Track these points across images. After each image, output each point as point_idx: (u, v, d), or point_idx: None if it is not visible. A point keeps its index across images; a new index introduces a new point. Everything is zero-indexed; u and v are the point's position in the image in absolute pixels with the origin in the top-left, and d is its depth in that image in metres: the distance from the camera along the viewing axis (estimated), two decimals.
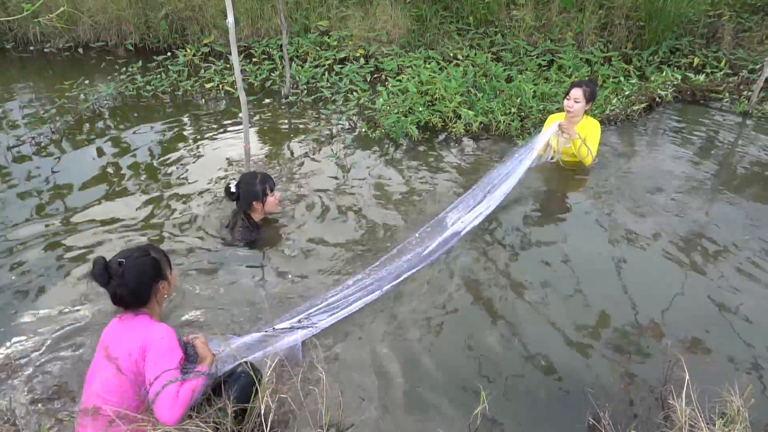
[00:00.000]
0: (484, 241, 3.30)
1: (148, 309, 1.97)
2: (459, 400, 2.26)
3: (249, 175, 3.18)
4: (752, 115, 5.04)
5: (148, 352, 1.82)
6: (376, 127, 4.66)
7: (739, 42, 6.22)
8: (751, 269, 3.05)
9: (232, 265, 3.04)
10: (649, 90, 5.22)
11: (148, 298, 1.95)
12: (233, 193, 3.12)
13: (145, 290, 1.93)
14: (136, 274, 1.89)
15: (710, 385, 2.10)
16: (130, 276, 1.88)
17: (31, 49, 6.75)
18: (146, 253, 1.97)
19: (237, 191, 3.11)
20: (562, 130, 3.79)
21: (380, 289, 2.80)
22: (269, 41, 6.48)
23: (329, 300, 2.69)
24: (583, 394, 2.26)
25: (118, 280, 1.86)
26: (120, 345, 1.86)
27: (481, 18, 6.46)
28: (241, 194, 3.12)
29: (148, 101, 5.35)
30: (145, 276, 1.93)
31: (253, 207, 3.17)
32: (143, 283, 1.92)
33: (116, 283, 1.87)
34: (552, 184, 3.96)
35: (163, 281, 1.99)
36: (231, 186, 3.12)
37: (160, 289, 1.98)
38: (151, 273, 1.95)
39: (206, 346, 2.00)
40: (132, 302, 1.91)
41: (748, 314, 2.73)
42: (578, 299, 2.83)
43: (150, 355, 1.81)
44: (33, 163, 4.17)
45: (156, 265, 1.97)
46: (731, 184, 3.97)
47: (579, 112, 3.85)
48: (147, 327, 1.89)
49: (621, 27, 6.24)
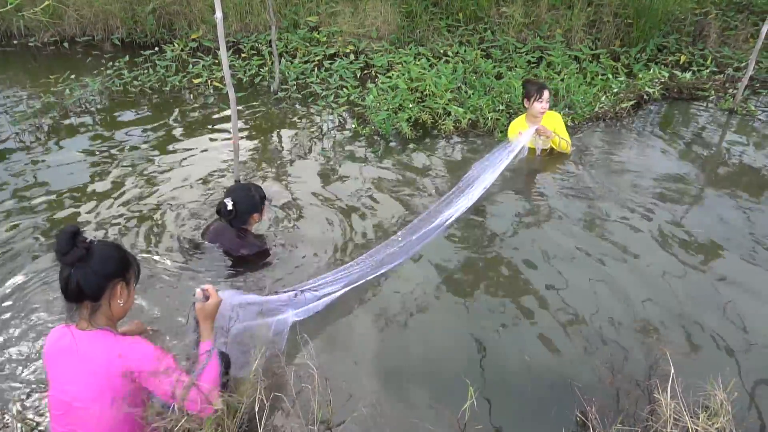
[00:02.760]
0: (471, 238, 3.32)
1: (102, 316, 1.75)
2: (448, 396, 2.28)
3: (241, 188, 2.92)
4: (737, 113, 5.11)
5: (140, 376, 1.67)
6: (366, 123, 4.65)
7: (724, 40, 6.30)
8: (737, 264, 3.10)
9: (219, 267, 2.97)
10: (637, 87, 5.27)
11: (102, 293, 1.72)
12: (231, 211, 2.79)
13: (102, 281, 1.71)
14: (101, 257, 1.70)
15: (695, 378, 2.13)
16: (94, 255, 1.68)
17: (15, 43, 6.65)
18: (119, 249, 1.82)
19: (235, 208, 2.79)
20: (540, 133, 3.99)
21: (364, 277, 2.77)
22: (258, 36, 6.44)
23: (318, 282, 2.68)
24: (571, 389, 2.29)
25: (81, 252, 1.65)
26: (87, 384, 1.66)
27: (471, 14, 6.47)
28: (239, 210, 2.81)
29: (136, 97, 5.29)
30: (109, 264, 1.73)
31: (250, 221, 2.92)
32: (104, 271, 1.71)
33: (77, 255, 1.65)
34: (539, 180, 3.99)
35: (122, 283, 1.78)
36: (228, 203, 2.77)
37: (116, 292, 1.76)
38: (116, 266, 1.75)
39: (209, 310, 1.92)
40: (82, 292, 1.69)
41: (732, 309, 2.77)
42: (564, 294, 2.85)
43: (151, 383, 1.68)
44: (17, 158, 4.11)
45: (124, 262, 1.79)
46: (717, 181, 4.02)
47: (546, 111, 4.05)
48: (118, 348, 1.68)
49: (609, 24, 6.29)
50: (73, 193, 3.68)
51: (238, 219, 2.87)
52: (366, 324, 2.66)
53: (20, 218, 3.38)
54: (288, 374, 2.12)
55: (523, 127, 4.11)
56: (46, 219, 3.38)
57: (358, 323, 2.66)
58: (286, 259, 3.07)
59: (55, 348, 1.74)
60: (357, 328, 2.63)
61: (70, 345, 1.70)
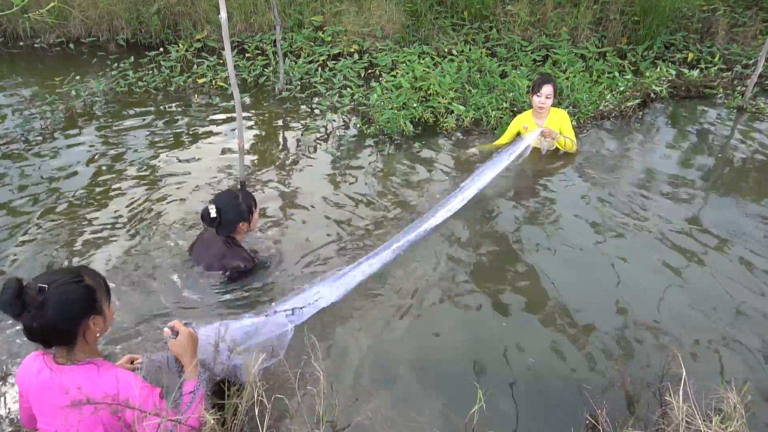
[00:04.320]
0: (478, 239, 3.29)
1: (80, 351, 1.59)
2: (455, 399, 2.25)
3: (227, 195, 2.78)
4: (746, 110, 5.05)
5: (125, 412, 1.55)
6: (371, 122, 4.63)
7: (733, 37, 6.24)
8: (748, 264, 3.06)
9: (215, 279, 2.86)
10: (643, 86, 5.22)
11: (75, 336, 1.56)
12: (214, 219, 2.63)
13: (70, 326, 1.54)
14: (60, 306, 1.50)
15: (707, 381, 2.10)
16: (51, 307, 1.48)
17: (20, 45, 6.66)
18: (78, 278, 1.58)
19: (218, 215, 2.64)
20: (545, 135, 3.95)
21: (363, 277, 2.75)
22: (263, 36, 6.42)
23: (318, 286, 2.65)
24: (580, 392, 2.26)
25: (35, 311, 1.46)
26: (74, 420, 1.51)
27: (476, 13, 6.44)
28: (224, 218, 2.66)
29: (140, 97, 5.29)
30: (73, 308, 1.53)
31: (238, 229, 2.77)
32: (69, 317, 1.53)
33: (31, 315, 1.46)
34: (543, 180, 3.96)
35: (96, 316, 1.60)
36: (211, 210, 2.61)
37: (90, 327, 1.59)
38: (81, 306, 1.56)
39: (183, 345, 1.77)
40: (51, 340, 1.55)
41: (744, 309, 2.73)
42: (572, 296, 2.82)
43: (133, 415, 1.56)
44: (23, 159, 4.11)
45: (89, 295, 1.58)
46: (726, 180, 3.98)
47: (549, 107, 3.98)
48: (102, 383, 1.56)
49: (616, 22, 6.24)
50: (78, 193, 3.67)
51: (223, 227, 2.71)
52: (370, 326, 2.63)
53: (25, 218, 3.38)
54: (292, 377, 2.10)
55: (528, 120, 4.08)
56: (51, 219, 3.37)
57: (363, 326, 2.63)
58: (288, 263, 3.03)
59: (34, 382, 1.60)
60: (361, 331, 2.60)
61: (51, 380, 1.57)
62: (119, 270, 2.93)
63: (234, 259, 2.76)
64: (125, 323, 2.57)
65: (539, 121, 4.06)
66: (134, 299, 2.74)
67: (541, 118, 4.05)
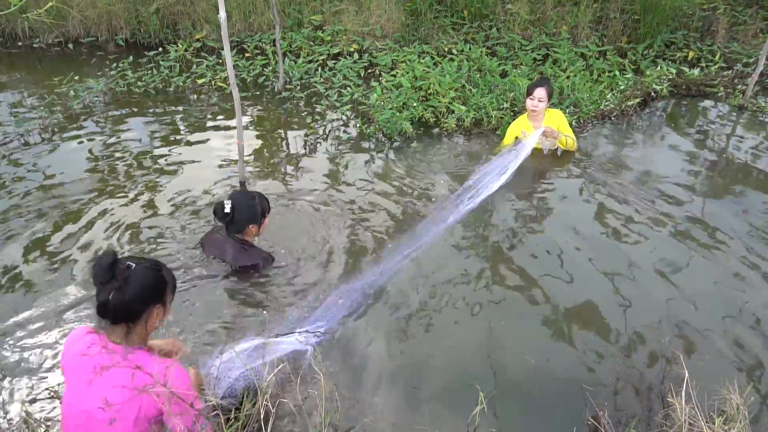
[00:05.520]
0: (476, 240, 3.28)
1: (137, 336, 1.75)
2: (457, 401, 2.24)
3: (244, 194, 2.77)
4: (747, 109, 5.04)
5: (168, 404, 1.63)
6: (371, 122, 4.61)
7: (733, 35, 6.22)
8: (750, 264, 3.05)
9: (221, 272, 2.89)
10: (644, 85, 5.21)
11: (139, 318, 1.73)
12: (227, 214, 2.66)
13: (140, 306, 1.72)
14: (139, 285, 1.69)
15: (709, 382, 2.09)
16: (132, 284, 1.67)
17: (19, 45, 6.64)
18: (157, 267, 1.80)
19: (232, 212, 2.67)
20: (547, 135, 4.00)
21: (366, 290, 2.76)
22: (262, 36, 6.41)
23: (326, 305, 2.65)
24: (582, 393, 2.25)
25: (119, 284, 1.66)
26: (113, 399, 1.61)
27: (476, 12, 6.42)
28: (237, 216, 2.69)
29: (140, 97, 5.27)
30: (147, 290, 1.73)
31: (247, 231, 2.77)
32: (142, 298, 1.71)
33: (115, 286, 1.65)
34: (544, 181, 3.95)
35: (160, 306, 1.79)
36: (226, 205, 2.64)
37: (153, 314, 1.77)
38: (153, 291, 1.75)
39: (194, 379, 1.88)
40: (120, 317, 1.70)
41: (746, 310, 2.72)
42: (575, 297, 2.81)
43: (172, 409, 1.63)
44: (21, 160, 4.10)
45: (161, 284, 1.78)
46: (728, 178, 3.97)
47: (543, 110, 4.03)
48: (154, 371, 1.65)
49: (616, 20, 6.22)
50: (77, 194, 3.66)
51: (234, 226, 2.72)
52: (372, 329, 2.62)
53: (24, 219, 3.37)
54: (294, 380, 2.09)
55: (525, 125, 4.08)
56: (49, 221, 3.36)
57: (364, 329, 2.62)
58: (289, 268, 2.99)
59: (80, 354, 1.69)
60: (363, 334, 2.59)
61: (99, 355, 1.66)
62: None
63: (252, 258, 2.80)
64: None
65: (536, 124, 4.06)
66: None
67: (537, 120, 4.05)
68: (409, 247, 3.08)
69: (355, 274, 2.92)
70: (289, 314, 2.61)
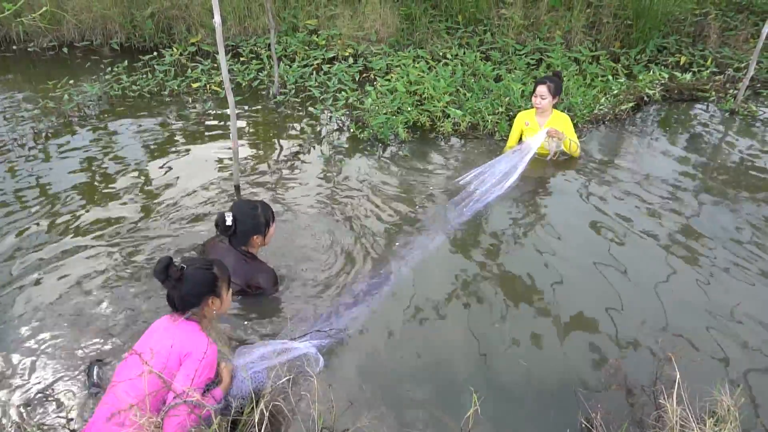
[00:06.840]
0: (473, 244, 3.29)
1: (198, 317, 2.09)
2: (451, 403, 2.25)
3: (246, 204, 2.64)
4: (738, 113, 5.08)
5: (185, 362, 1.94)
6: (365, 127, 4.63)
7: (724, 41, 6.28)
8: (741, 267, 3.07)
9: None
10: (637, 89, 5.25)
11: (194, 307, 2.08)
12: (228, 227, 2.54)
13: (194, 300, 2.06)
14: (192, 284, 2.04)
15: (701, 384, 2.11)
16: (185, 282, 2.02)
17: (14, 48, 6.63)
18: (209, 266, 2.11)
19: (234, 224, 2.56)
20: (552, 135, 3.97)
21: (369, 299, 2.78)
22: (257, 40, 6.42)
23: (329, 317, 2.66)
24: (575, 395, 2.26)
25: (174, 282, 2.01)
26: (162, 343, 1.98)
27: (470, 16, 6.46)
28: (239, 228, 2.57)
29: (134, 101, 5.27)
30: (198, 287, 2.06)
31: (251, 242, 2.65)
32: (195, 293, 2.05)
33: (171, 285, 2.02)
34: (539, 185, 3.97)
35: (214, 297, 2.11)
36: (227, 218, 2.53)
37: (209, 304, 2.10)
38: (205, 286, 2.07)
39: (230, 374, 2.12)
40: (180, 306, 2.06)
41: (738, 312, 2.74)
42: (567, 299, 2.83)
43: (186, 366, 1.93)
44: (15, 164, 4.09)
45: (212, 281, 2.09)
46: (720, 182, 4.00)
47: (547, 107, 4.03)
48: (193, 336, 2.01)
49: (609, 25, 6.28)
50: (71, 198, 3.65)
51: (238, 238, 2.61)
52: (366, 331, 2.63)
53: (19, 224, 3.36)
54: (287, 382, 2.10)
55: (530, 117, 4.10)
56: (45, 225, 3.35)
57: (359, 330, 2.63)
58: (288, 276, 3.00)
59: (159, 323, 2.10)
60: (358, 336, 2.60)
61: (166, 321, 2.08)
62: (109, 275, 2.92)
63: (256, 275, 2.67)
64: (117, 326, 2.56)
65: (540, 120, 4.08)
66: (127, 306, 2.72)
67: (543, 117, 4.07)
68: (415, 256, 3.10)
69: (359, 279, 2.92)
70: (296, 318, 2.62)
